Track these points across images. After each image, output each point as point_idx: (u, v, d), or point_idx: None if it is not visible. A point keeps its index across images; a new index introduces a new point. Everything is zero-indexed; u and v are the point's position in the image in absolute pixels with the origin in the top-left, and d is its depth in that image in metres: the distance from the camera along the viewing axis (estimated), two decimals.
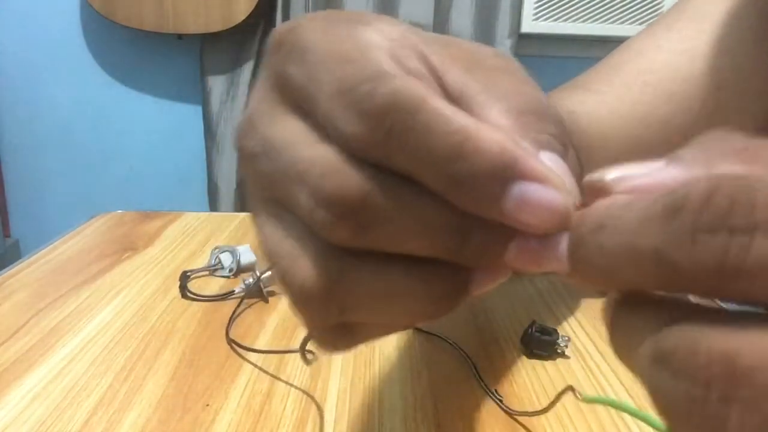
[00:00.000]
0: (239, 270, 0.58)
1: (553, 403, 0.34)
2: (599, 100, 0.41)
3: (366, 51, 0.15)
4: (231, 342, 0.45)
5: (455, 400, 0.39)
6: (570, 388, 0.32)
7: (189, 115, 1.75)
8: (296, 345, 0.45)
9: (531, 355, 0.44)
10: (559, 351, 0.45)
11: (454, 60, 0.17)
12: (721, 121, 0.40)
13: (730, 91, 0.41)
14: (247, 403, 0.38)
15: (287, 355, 0.44)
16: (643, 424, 0.36)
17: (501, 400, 0.38)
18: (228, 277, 0.57)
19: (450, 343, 0.46)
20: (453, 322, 0.50)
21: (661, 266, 0.12)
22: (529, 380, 0.41)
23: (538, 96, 0.17)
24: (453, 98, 0.17)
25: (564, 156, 0.16)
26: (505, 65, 0.18)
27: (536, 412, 0.36)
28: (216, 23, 1.51)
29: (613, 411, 0.38)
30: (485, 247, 0.15)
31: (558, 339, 0.45)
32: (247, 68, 1.62)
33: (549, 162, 0.15)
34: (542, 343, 0.44)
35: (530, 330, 0.45)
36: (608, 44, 0.71)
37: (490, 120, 0.16)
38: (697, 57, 0.41)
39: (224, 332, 0.47)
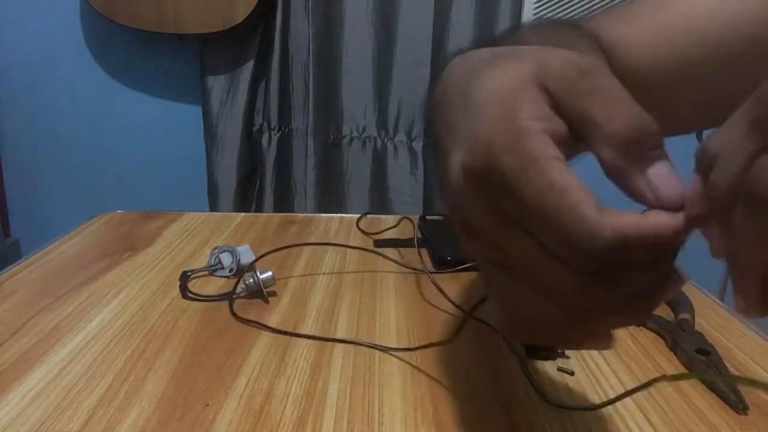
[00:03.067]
0: (239, 270, 0.58)
1: (635, 390, 0.36)
2: (639, 39, 0.44)
3: (563, 194, 0.20)
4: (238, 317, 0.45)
5: (455, 400, 0.39)
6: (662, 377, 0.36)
7: (189, 115, 1.75)
8: (296, 345, 0.45)
9: (532, 355, 0.44)
10: (559, 351, 0.44)
11: (569, 87, 0.22)
12: (751, 71, 0.42)
13: (762, 44, 0.42)
14: (247, 403, 0.38)
15: (287, 356, 0.44)
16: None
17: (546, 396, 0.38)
18: (228, 277, 0.57)
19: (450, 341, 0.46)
20: (456, 320, 0.50)
21: None
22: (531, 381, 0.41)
23: (636, 111, 0.21)
24: (573, 124, 0.22)
25: (665, 159, 0.21)
26: (595, 82, 0.22)
27: (589, 407, 0.38)
28: (216, 23, 1.51)
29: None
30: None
31: None
32: (247, 68, 1.62)
33: (661, 171, 0.21)
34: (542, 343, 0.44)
35: None
36: None
37: (602, 155, 0.21)
38: (738, 5, 0.42)
39: (224, 332, 0.47)
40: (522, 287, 0.23)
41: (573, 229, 0.20)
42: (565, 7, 1.58)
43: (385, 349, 0.45)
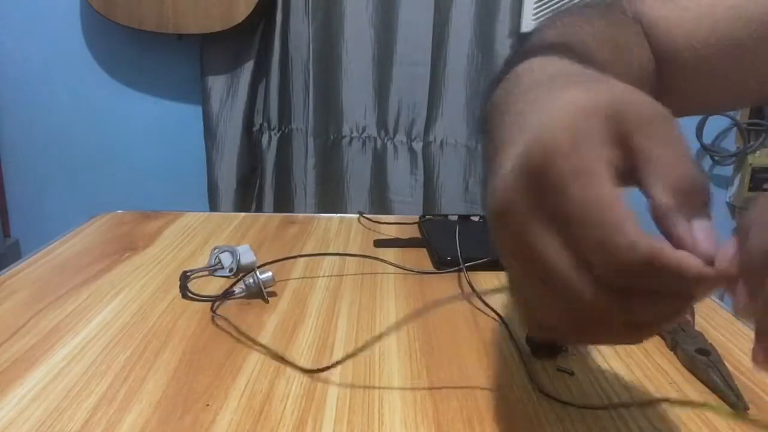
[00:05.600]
0: (239, 270, 0.58)
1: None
2: (681, 20, 0.45)
3: (612, 208, 0.21)
4: (216, 315, 0.45)
5: (455, 400, 0.39)
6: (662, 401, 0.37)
7: (189, 115, 1.75)
8: (296, 345, 0.45)
9: (537, 354, 0.44)
10: (564, 349, 0.45)
11: (644, 128, 0.23)
12: None
13: None
14: (247, 403, 0.38)
15: (287, 355, 0.44)
16: None
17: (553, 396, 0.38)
18: (228, 277, 0.57)
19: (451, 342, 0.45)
20: (459, 322, 0.50)
21: None
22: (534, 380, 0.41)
23: (691, 165, 0.23)
24: (634, 161, 0.23)
25: (710, 218, 0.23)
26: (666, 130, 0.23)
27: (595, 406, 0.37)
28: (216, 23, 1.51)
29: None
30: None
31: None
32: (247, 68, 1.62)
33: (703, 226, 0.22)
34: (548, 342, 0.44)
35: None
36: None
37: (658, 197, 0.22)
38: None
39: (224, 332, 0.47)
40: (544, 291, 0.24)
41: (614, 238, 0.21)
42: (564, 7, 1.58)
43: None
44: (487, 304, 0.52)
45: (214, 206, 1.68)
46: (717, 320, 0.51)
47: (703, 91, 0.44)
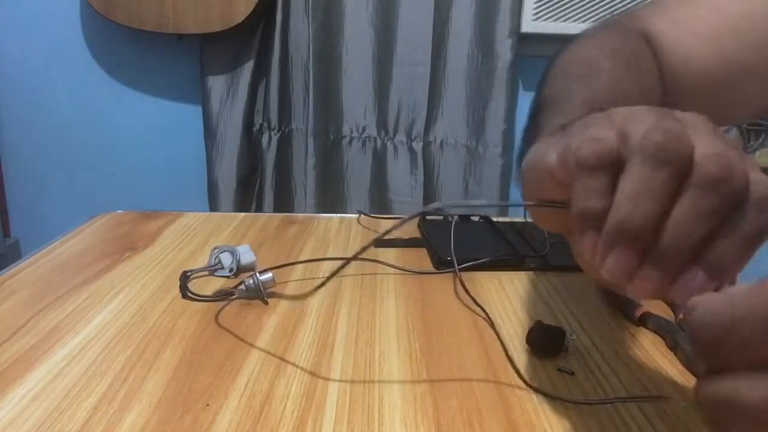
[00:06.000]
0: (239, 270, 0.57)
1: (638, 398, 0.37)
2: (691, 43, 0.45)
3: None
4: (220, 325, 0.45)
5: (455, 399, 0.39)
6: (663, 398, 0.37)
7: (189, 115, 1.75)
8: (296, 345, 0.45)
9: (538, 353, 0.44)
10: (564, 349, 0.45)
11: None
12: None
13: None
14: (247, 403, 0.38)
15: (287, 355, 0.44)
16: None
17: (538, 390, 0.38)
18: (228, 277, 0.57)
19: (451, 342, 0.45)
20: (459, 322, 0.50)
21: None
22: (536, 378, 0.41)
23: None
24: None
25: None
26: None
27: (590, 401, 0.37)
28: (216, 23, 1.51)
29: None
30: None
31: (566, 338, 0.45)
32: (247, 68, 1.62)
33: None
34: (549, 342, 0.44)
35: (536, 329, 0.45)
36: None
37: None
38: None
39: (224, 331, 0.47)
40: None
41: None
42: (564, 7, 1.58)
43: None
44: (480, 306, 0.52)
45: (214, 206, 1.68)
46: None
47: (710, 109, 0.45)
